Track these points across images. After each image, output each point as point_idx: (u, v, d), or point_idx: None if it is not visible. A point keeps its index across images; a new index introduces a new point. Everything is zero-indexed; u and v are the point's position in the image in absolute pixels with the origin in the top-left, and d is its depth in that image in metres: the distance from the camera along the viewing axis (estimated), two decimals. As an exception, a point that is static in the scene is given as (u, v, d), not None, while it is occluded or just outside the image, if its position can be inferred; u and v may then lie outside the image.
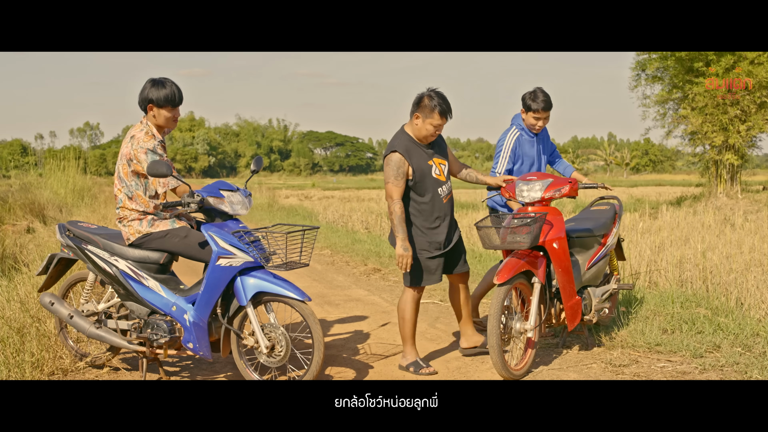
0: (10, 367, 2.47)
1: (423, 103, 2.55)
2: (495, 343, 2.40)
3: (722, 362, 2.62)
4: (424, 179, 2.58)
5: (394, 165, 2.54)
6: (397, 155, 2.55)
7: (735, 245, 5.02)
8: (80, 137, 65.81)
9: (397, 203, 2.54)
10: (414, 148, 2.59)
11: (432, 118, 2.54)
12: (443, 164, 2.66)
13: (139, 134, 2.42)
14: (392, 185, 2.55)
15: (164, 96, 2.40)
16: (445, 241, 2.65)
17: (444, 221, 2.64)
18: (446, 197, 2.66)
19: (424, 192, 2.59)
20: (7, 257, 4.62)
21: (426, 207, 2.60)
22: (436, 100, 2.53)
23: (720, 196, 11.04)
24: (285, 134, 64.76)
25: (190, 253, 2.44)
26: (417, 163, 2.57)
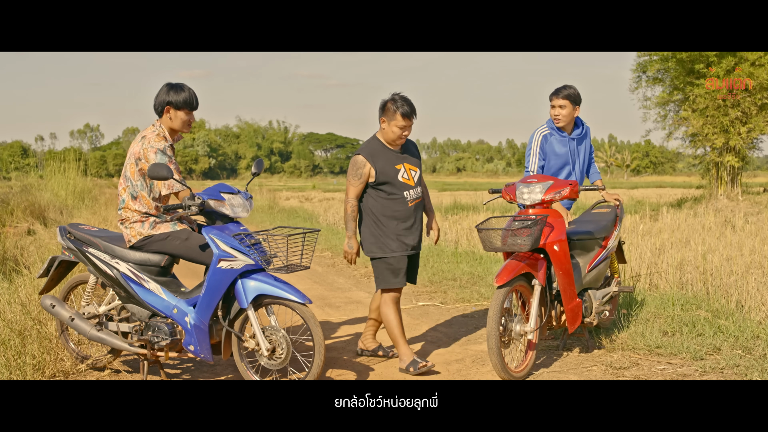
0: (11, 370, 2.47)
1: (387, 107, 2.66)
2: (494, 345, 2.41)
3: (722, 365, 2.62)
4: (389, 181, 2.68)
5: (353, 166, 2.69)
6: (359, 157, 2.68)
7: (735, 247, 5.01)
8: (80, 139, 65.94)
9: (350, 202, 2.69)
10: (382, 152, 2.70)
11: (396, 120, 2.64)
12: (414, 170, 2.76)
13: (150, 135, 2.44)
14: (349, 184, 2.70)
15: (183, 99, 2.45)
16: (410, 243, 2.72)
17: (408, 224, 2.71)
18: (412, 201, 2.73)
19: (390, 193, 2.69)
20: (8, 259, 4.62)
21: (388, 204, 2.69)
22: (399, 103, 2.63)
23: (721, 198, 11.04)
24: (285, 136, 64.83)
25: (191, 256, 2.45)
26: (382, 166, 2.68)
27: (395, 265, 2.69)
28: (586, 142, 3.14)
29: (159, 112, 2.48)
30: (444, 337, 3.34)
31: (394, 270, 2.69)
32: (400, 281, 2.71)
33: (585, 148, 3.14)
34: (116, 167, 55.57)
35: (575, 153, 3.10)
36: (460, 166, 61.27)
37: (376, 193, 2.70)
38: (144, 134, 2.46)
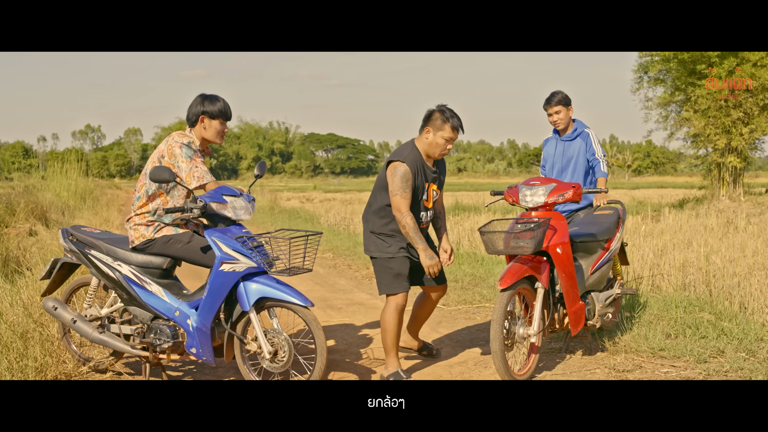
0: (13, 372, 2.47)
1: (434, 117, 2.55)
2: (498, 348, 2.40)
3: (726, 367, 2.61)
4: (414, 201, 2.56)
5: (402, 177, 2.48)
6: (406, 167, 2.50)
7: (738, 248, 5.00)
8: (82, 139, 66.07)
9: (407, 215, 2.47)
10: (421, 167, 2.56)
11: (443, 131, 2.52)
12: (436, 193, 2.66)
13: (177, 135, 2.46)
14: (401, 198, 2.47)
15: (218, 108, 2.47)
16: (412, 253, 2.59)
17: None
18: (425, 224, 2.64)
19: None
20: (10, 260, 4.62)
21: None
22: (448, 114, 2.54)
23: (722, 199, 11.01)
24: (286, 136, 64.89)
25: (193, 259, 2.45)
26: (417, 183, 2.56)
27: (396, 268, 2.55)
28: (579, 143, 3.27)
29: (193, 122, 2.48)
30: (446, 339, 3.33)
31: (396, 273, 2.55)
32: (405, 285, 2.55)
33: (577, 149, 3.26)
34: (117, 168, 55.68)
35: (563, 153, 3.28)
36: (461, 166, 61.25)
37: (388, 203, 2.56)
38: (172, 134, 2.48)
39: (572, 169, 3.28)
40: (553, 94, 3.29)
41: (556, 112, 3.28)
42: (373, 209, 2.63)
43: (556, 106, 3.27)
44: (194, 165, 2.40)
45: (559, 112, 3.27)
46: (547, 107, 3.30)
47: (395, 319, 2.56)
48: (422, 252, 2.48)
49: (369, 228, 2.63)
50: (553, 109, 3.28)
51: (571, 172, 3.27)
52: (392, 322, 2.56)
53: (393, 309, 2.56)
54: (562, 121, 3.28)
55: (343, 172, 62.91)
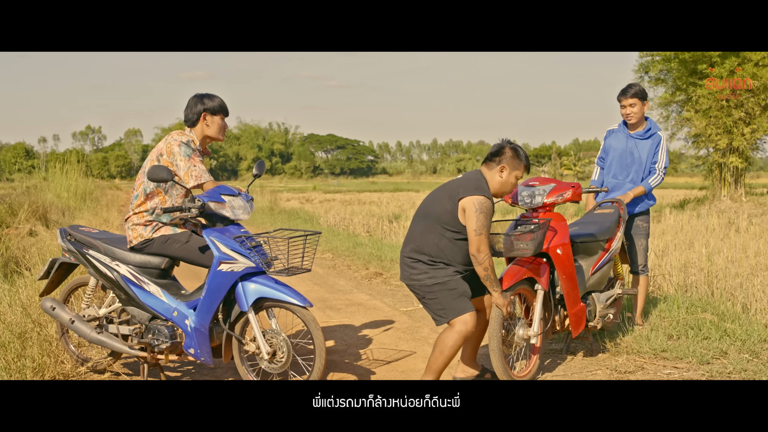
0: (11, 372, 2.45)
1: (507, 153, 2.34)
2: (496, 346, 2.39)
3: (729, 369, 2.59)
4: None
5: (488, 215, 2.23)
6: (490, 204, 2.25)
7: (740, 249, 4.98)
8: (82, 140, 66.19)
9: (490, 258, 2.25)
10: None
11: (518, 170, 2.35)
12: None
13: (177, 134, 2.45)
14: (485, 237, 2.22)
15: (218, 104, 2.48)
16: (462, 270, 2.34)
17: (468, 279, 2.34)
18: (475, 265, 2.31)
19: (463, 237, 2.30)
20: (10, 261, 4.62)
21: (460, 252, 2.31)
22: (522, 154, 2.36)
23: (724, 200, 10.99)
24: (286, 137, 64.92)
25: (191, 258, 2.43)
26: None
27: (459, 288, 2.26)
28: (649, 144, 3.11)
29: (194, 122, 2.46)
30: (446, 340, 3.31)
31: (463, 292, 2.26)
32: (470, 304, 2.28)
33: (648, 149, 3.10)
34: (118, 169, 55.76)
35: (632, 150, 3.10)
36: (461, 167, 61.23)
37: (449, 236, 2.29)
38: (171, 133, 2.47)
39: (636, 170, 3.09)
40: (630, 85, 3.12)
41: (631, 105, 3.08)
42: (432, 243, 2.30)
43: (631, 98, 3.07)
44: (192, 164, 2.39)
45: (633, 105, 3.08)
46: (621, 98, 3.10)
47: (456, 343, 2.26)
48: (497, 293, 2.29)
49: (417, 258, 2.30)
50: (628, 101, 3.08)
51: (635, 172, 3.09)
52: (454, 348, 2.26)
53: (459, 333, 2.25)
54: (635, 116, 3.09)
55: (342, 172, 62.91)
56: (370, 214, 10.19)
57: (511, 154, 2.36)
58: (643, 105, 3.10)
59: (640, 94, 3.08)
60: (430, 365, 2.32)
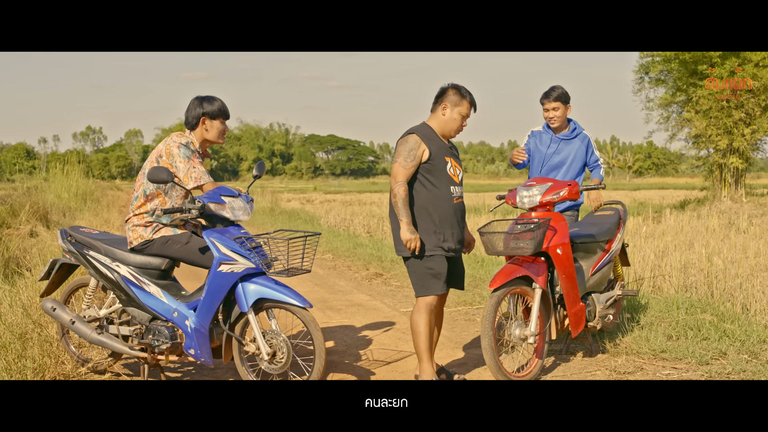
0: (11, 373, 2.46)
1: (449, 93, 2.45)
2: (488, 345, 2.39)
3: (729, 370, 2.59)
4: (440, 169, 2.41)
5: (407, 145, 2.38)
6: (414, 137, 2.40)
7: (740, 249, 4.98)
8: (83, 141, 66.27)
9: (401, 185, 2.34)
10: (436, 139, 2.45)
11: (461, 107, 2.42)
12: (460, 170, 2.52)
13: (176, 136, 2.46)
14: (400, 165, 2.36)
15: (218, 108, 2.47)
16: (449, 245, 2.42)
17: (450, 221, 2.42)
18: (458, 199, 2.47)
19: (438, 182, 2.40)
20: (11, 261, 4.62)
21: (433, 196, 2.40)
22: (465, 91, 2.45)
23: (724, 200, 10.98)
24: (286, 138, 64.98)
25: (191, 259, 2.44)
26: (435, 150, 2.41)
27: (436, 268, 2.37)
28: (577, 144, 3.08)
29: (194, 126, 2.47)
30: (446, 341, 3.31)
31: (435, 273, 2.37)
32: (441, 286, 2.38)
33: (574, 150, 3.06)
34: (118, 169, 55.81)
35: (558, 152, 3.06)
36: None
37: (420, 184, 2.39)
38: (171, 135, 2.48)
39: (565, 171, 3.04)
40: (553, 88, 3.07)
41: (554, 109, 3.05)
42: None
43: (554, 102, 3.04)
44: (192, 165, 2.40)
45: (557, 109, 3.05)
46: (544, 101, 3.06)
47: (425, 320, 2.38)
48: (404, 225, 2.34)
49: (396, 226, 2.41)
50: (552, 104, 3.05)
51: (564, 174, 3.04)
52: (423, 324, 2.38)
53: (422, 309, 2.39)
54: (558, 119, 3.06)
55: (343, 173, 62.93)
56: (371, 215, 10.19)
57: (453, 92, 2.45)
58: (566, 108, 3.06)
59: (563, 98, 3.04)
60: (415, 350, 2.47)
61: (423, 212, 2.41)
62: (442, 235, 2.41)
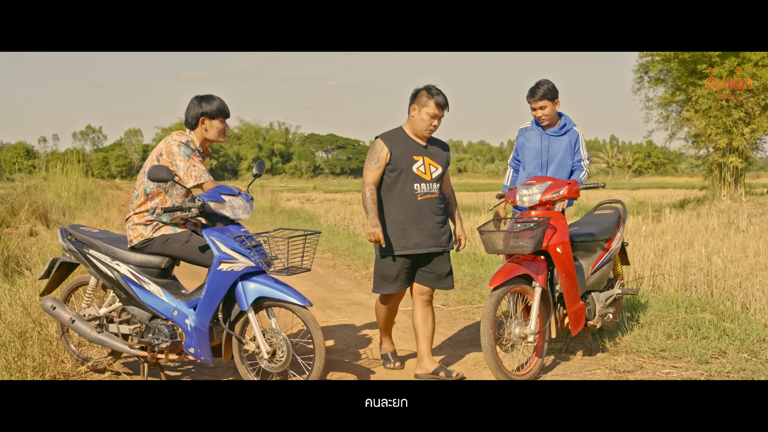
0: (11, 372, 2.46)
1: (419, 95, 2.55)
2: (487, 343, 2.40)
3: (728, 368, 2.59)
4: (402, 170, 2.53)
5: (372, 150, 2.58)
6: (378, 141, 2.58)
7: (740, 249, 4.98)
8: (83, 140, 66.23)
9: (367, 186, 2.54)
10: (404, 140, 2.57)
11: (428, 107, 2.51)
12: (435, 166, 2.58)
13: (176, 134, 2.46)
14: (366, 168, 2.58)
15: (216, 107, 2.46)
16: (410, 242, 2.52)
17: (414, 218, 2.51)
18: (423, 195, 2.54)
19: (398, 182, 2.54)
20: (10, 260, 4.62)
21: (396, 195, 2.54)
22: (434, 91, 2.53)
23: (724, 199, 10.99)
24: (286, 137, 64.96)
25: (191, 258, 2.44)
26: (398, 152, 2.53)
27: (386, 270, 2.56)
28: (566, 140, 2.94)
29: (194, 125, 2.47)
30: (446, 340, 3.31)
31: (384, 275, 2.57)
32: (389, 287, 2.56)
33: (564, 146, 2.93)
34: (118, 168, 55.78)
35: (548, 149, 2.94)
36: (462, 167, 61.28)
37: (386, 185, 2.55)
38: (172, 134, 2.48)
39: (555, 168, 2.91)
40: (538, 85, 2.89)
41: (541, 108, 2.88)
42: None
43: (541, 101, 2.87)
44: (192, 164, 2.40)
45: (544, 108, 2.88)
46: (530, 101, 2.89)
47: (382, 312, 2.75)
48: (368, 220, 2.51)
49: None
50: (538, 103, 2.87)
51: (554, 171, 2.91)
52: (380, 313, 2.76)
53: (378, 301, 2.76)
54: (548, 117, 2.89)
55: (343, 172, 62.92)
56: (370, 214, 10.15)
57: (423, 93, 2.55)
58: (554, 104, 2.90)
59: (550, 94, 2.86)
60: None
61: (387, 212, 2.56)
62: (406, 233, 2.53)
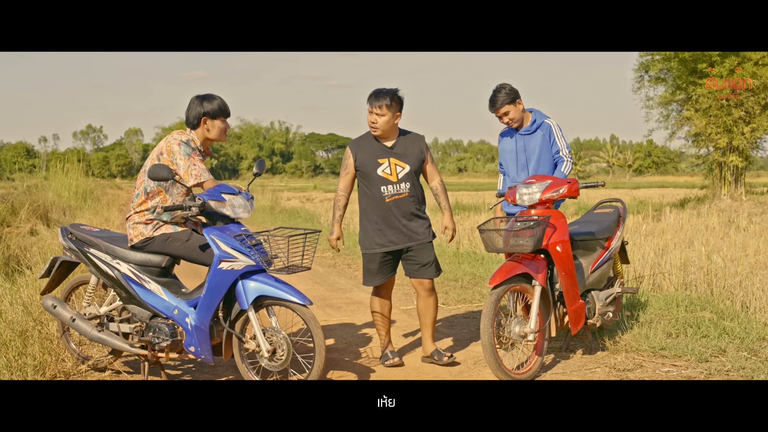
0: (12, 371, 2.46)
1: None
2: (488, 342, 2.40)
3: (728, 367, 2.59)
4: (368, 174, 2.70)
5: (343, 158, 2.77)
6: (346, 149, 2.76)
7: (740, 248, 4.98)
8: (83, 140, 66.24)
9: (337, 192, 2.76)
10: (368, 144, 2.72)
11: (369, 107, 2.67)
12: (401, 166, 2.67)
13: (177, 133, 2.46)
14: (339, 176, 2.78)
15: (218, 106, 2.47)
16: (385, 240, 2.70)
17: (385, 219, 2.69)
18: (390, 197, 2.66)
19: (368, 186, 2.71)
20: (11, 259, 4.63)
21: (368, 198, 2.72)
22: (373, 91, 2.67)
23: (724, 198, 10.99)
24: (287, 136, 64.97)
25: (191, 257, 2.44)
26: (363, 157, 2.70)
27: (368, 265, 2.77)
28: (540, 136, 2.89)
29: (195, 125, 2.47)
30: (446, 339, 3.32)
31: (368, 269, 2.78)
32: (373, 279, 2.76)
33: (539, 142, 2.88)
34: (118, 168, 55.80)
35: (525, 149, 2.92)
36: (462, 166, 61.27)
37: (360, 189, 2.76)
38: (172, 133, 2.48)
39: (536, 165, 2.88)
40: (495, 93, 2.84)
41: (505, 114, 2.85)
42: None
43: (502, 108, 2.83)
44: (192, 163, 2.40)
45: (508, 113, 2.84)
46: (492, 111, 2.86)
47: (376, 304, 2.83)
48: (332, 226, 2.75)
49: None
50: (501, 111, 2.84)
51: (535, 168, 2.88)
52: (373, 305, 2.84)
53: (372, 296, 2.87)
54: (515, 120, 2.87)
55: (343, 172, 62.74)
56: (371, 214, 10.15)
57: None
58: (517, 105, 2.85)
59: (509, 98, 2.82)
60: None
61: (362, 213, 2.75)
62: (382, 231, 2.71)
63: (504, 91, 2.86)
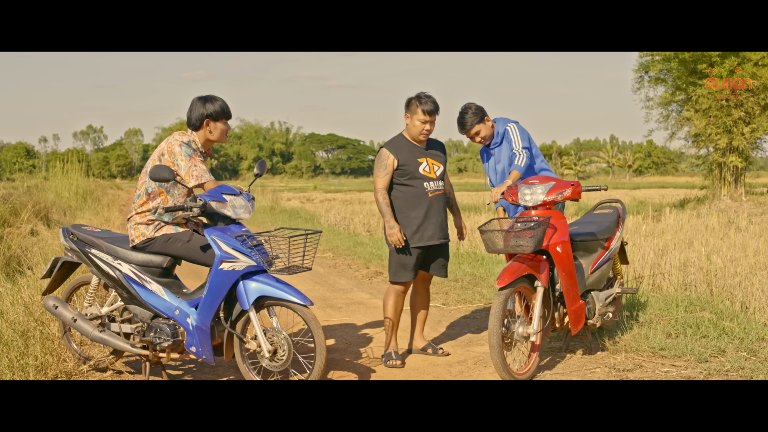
0: (14, 371, 2.47)
1: (411, 104, 2.83)
2: (496, 343, 2.40)
3: (727, 367, 2.60)
4: (410, 171, 2.81)
5: (380, 159, 2.84)
6: (384, 150, 2.84)
7: (739, 248, 4.99)
8: (83, 140, 66.27)
9: (379, 192, 2.81)
10: (405, 146, 2.84)
11: (417, 115, 2.78)
12: (438, 166, 2.88)
13: (178, 134, 2.47)
14: (376, 176, 2.83)
15: (220, 108, 2.49)
16: (426, 234, 2.80)
17: (427, 213, 2.80)
18: (433, 192, 2.84)
19: (409, 181, 2.80)
20: (12, 260, 4.63)
21: (409, 195, 2.80)
22: (423, 100, 2.79)
23: (724, 199, 11.00)
24: (287, 137, 65.02)
25: (193, 257, 2.45)
26: (405, 157, 2.81)
27: (405, 260, 2.81)
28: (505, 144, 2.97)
29: (197, 126, 2.48)
30: (446, 339, 3.32)
31: (403, 264, 2.82)
32: (408, 275, 2.82)
33: (506, 152, 2.97)
34: (119, 168, 55.82)
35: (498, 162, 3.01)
36: (462, 166, 61.26)
37: (398, 186, 2.82)
38: (173, 134, 2.49)
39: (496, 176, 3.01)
40: (462, 115, 2.91)
41: (476, 133, 2.93)
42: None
43: (472, 129, 2.91)
44: (193, 164, 2.41)
45: (479, 132, 2.93)
46: (463, 133, 2.95)
47: (394, 301, 2.87)
48: (386, 222, 2.77)
49: None
50: (471, 132, 2.93)
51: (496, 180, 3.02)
52: (391, 304, 2.87)
53: (391, 293, 2.88)
54: (486, 138, 2.97)
55: (343, 172, 62.96)
56: (371, 214, 10.20)
57: (413, 102, 2.81)
58: (486, 122, 2.93)
59: (477, 118, 2.90)
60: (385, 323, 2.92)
61: (401, 211, 2.82)
62: (421, 227, 2.79)
63: (471, 111, 2.92)
